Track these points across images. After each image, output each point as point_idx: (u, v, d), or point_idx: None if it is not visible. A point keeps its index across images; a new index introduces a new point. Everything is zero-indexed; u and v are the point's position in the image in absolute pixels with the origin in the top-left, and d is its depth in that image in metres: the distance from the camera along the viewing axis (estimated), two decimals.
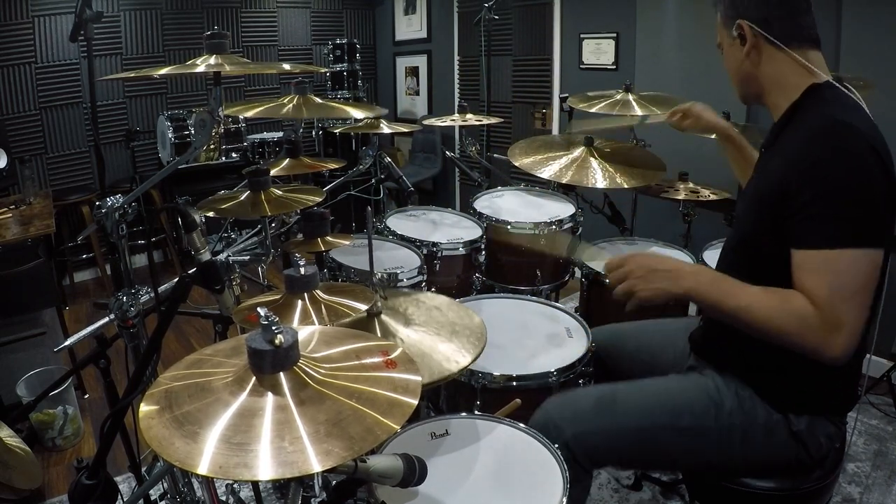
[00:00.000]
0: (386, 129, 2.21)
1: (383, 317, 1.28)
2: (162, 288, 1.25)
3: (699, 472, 1.29)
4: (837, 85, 1.13)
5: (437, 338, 1.25)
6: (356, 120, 2.18)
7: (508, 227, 2.13)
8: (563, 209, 2.25)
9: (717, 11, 1.25)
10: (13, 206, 3.03)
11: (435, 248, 2.05)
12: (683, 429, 1.22)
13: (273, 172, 1.91)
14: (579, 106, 2.22)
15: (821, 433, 1.18)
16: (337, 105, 1.80)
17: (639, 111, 2.12)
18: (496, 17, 3.05)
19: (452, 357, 1.18)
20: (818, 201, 1.01)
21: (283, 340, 0.75)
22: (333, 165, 2.17)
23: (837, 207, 1.01)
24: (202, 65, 1.25)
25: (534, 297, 1.90)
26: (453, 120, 2.53)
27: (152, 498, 1.56)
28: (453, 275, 2.11)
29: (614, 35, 3.63)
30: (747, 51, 1.18)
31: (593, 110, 2.16)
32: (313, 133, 4.81)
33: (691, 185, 2.32)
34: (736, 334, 1.21)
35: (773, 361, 1.16)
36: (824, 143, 1.03)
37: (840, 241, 1.00)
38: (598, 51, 3.75)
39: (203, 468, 0.65)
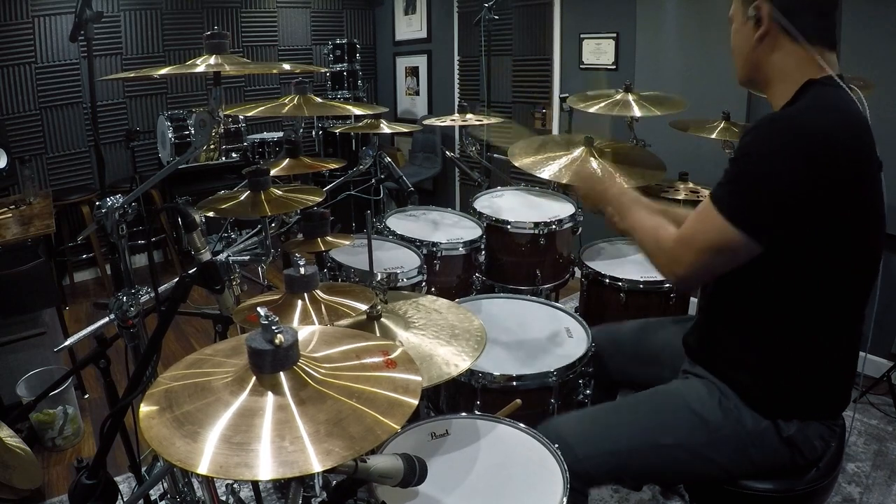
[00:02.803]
0: (386, 129, 2.20)
1: (383, 320, 1.28)
2: (162, 288, 1.25)
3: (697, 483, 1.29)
4: (839, 81, 1.09)
5: (436, 341, 1.25)
6: (356, 120, 2.18)
7: (508, 226, 2.14)
8: (563, 209, 2.26)
9: None
10: (13, 206, 3.03)
11: (435, 248, 2.05)
12: (670, 446, 1.20)
13: (273, 172, 1.91)
14: (579, 106, 2.22)
15: (813, 436, 1.16)
16: (337, 104, 1.80)
17: (638, 112, 2.12)
18: (496, 17, 3.05)
19: (452, 361, 1.18)
20: (731, 167, 1.08)
21: (283, 340, 0.75)
22: (333, 165, 2.16)
23: (738, 178, 1.06)
24: (202, 65, 1.25)
25: (534, 297, 1.90)
26: (453, 120, 2.53)
27: (152, 498, 1.55)
28: (453, 275, 2.11)
29: (614, 35, 3.63)
30: (760, 35, 1.11)
31: (592, 110, 2.16)
32: (313, 133, 4.81)
33: (691, 185, 2.31)
34: (726, 336, 1.21)
35: (762, 365, 1.15)
36: (759, 128, 1.06)
37: (720, 203, 1.06)
38: (598, 51, 3.75)
39: (203, 468, 0.65)
